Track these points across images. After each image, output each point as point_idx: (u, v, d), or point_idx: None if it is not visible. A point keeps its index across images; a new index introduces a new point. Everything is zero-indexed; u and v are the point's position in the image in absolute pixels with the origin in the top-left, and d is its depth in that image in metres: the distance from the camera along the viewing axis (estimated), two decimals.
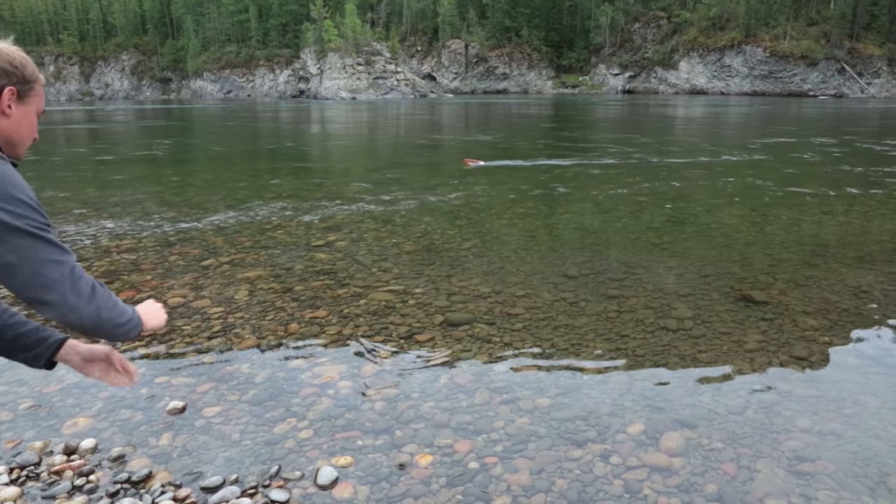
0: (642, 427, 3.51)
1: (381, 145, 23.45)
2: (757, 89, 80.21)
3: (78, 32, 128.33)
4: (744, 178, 12.64)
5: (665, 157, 16.22)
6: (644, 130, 26.88)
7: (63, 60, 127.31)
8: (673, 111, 44.61)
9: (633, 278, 6.13)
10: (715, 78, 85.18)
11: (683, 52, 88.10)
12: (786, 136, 23.44)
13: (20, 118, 1.69)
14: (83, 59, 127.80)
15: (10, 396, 3.97)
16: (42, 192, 11.89)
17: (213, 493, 2.97)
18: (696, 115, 39.80)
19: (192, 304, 5.57)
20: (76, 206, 10.54)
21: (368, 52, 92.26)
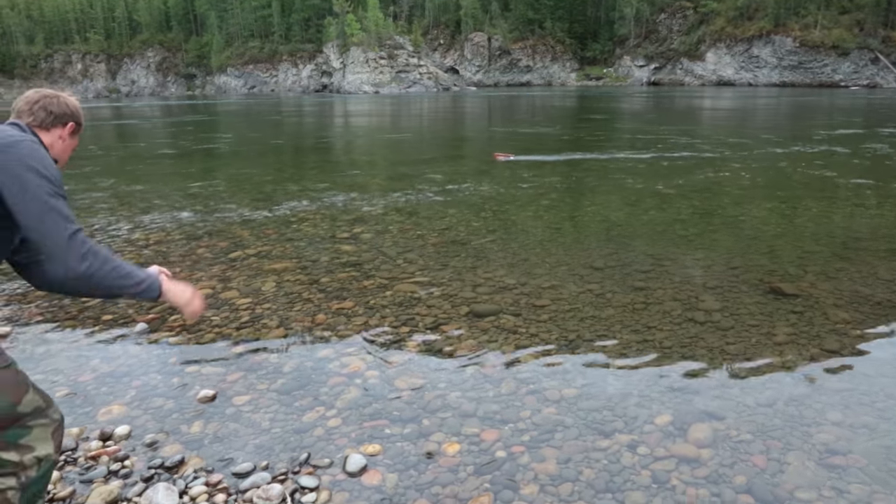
0: (670, 418, 3.49)
1: (405, 139, 23.49)
2: (786, 80, 78.89)
3: (104, 30, 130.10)
4: (773, 170, 12.47)
5: (692, 150, 16.05)
6: (671, 123, 26.61)
7: (90, 58, 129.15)
8: (700, 103, 44.08)
9: (659, 270, 6.09)
10: (742, 69, 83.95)
11: (710, 42, 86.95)
12: (817, 128, 23.08)
13: (69, 146, 2.43)
14: (109, 57, 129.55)
15: (47, 385, 4.06)
16: (74, 187, 12.11)
17: (245, 479, 3.02)
18: (724, 107, 39.28)
19: (220, 295, 5.65)
20: (107, 200, 10.72)
21: (391, 46, 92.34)
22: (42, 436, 2.25)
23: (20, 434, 2.20)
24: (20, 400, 2.18)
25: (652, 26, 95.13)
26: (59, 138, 2.34)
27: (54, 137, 2.32)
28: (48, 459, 2.27)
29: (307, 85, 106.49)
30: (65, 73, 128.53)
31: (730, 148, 16.40)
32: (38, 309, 5.49)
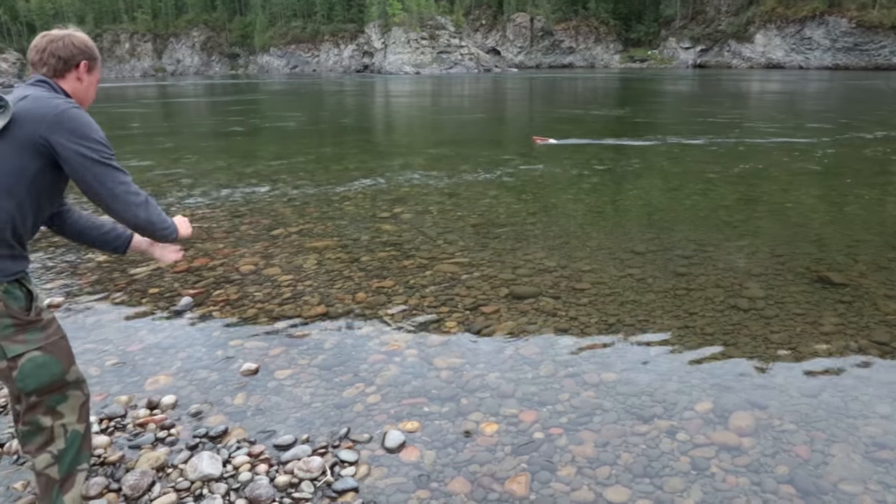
0: (710, 405, 3.45)
1: (446, 120, 23.44)
2: (839, 63, 76.22)
3: (151, 10, 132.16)
4: (824, 157, 12.13)
5: (739, 135, 15.69)
6: (718, 107, 26.00)
7: (137, 38, 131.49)
8: (748, 86, 42.94)
9: (702, 256, 5.99)
10: (793, 51, 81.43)
11: (760, 24, 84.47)
12: (872, 112, 22.32)
13: (88, 84, 2.47)
14: (156, 36, 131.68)
15: (98, 354, 4.20)
16: (125, 164, 12.39)
17: (286, 451, 3.08)
18: (774, 91, 38.20)
19: (262, 271, 5.74)
20: (154, 177, 10.95)
21: (433, 27, 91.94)
22: (73, 406, 2.40)
23: (59, 400, 2.35)
24: (69, 369, 2.37)
25: (699, 7, 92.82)
26: (76, 80, 2.40)
27: (72, 82, 2.39)
28: (75, 432, 2.40)
29: (348, 65, 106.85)
30: (113, 53, 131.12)
31: (779, 134, 15.99)
32: (89, 281, 5.65)
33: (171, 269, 5.86)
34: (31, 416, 2.33)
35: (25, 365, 2.24)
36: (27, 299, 2.27)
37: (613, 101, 31.59)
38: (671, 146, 13.66)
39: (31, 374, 2.25)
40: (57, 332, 2.36)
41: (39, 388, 2.29)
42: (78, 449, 2.43)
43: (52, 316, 2.40)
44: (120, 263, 6.08)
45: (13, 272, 2.21)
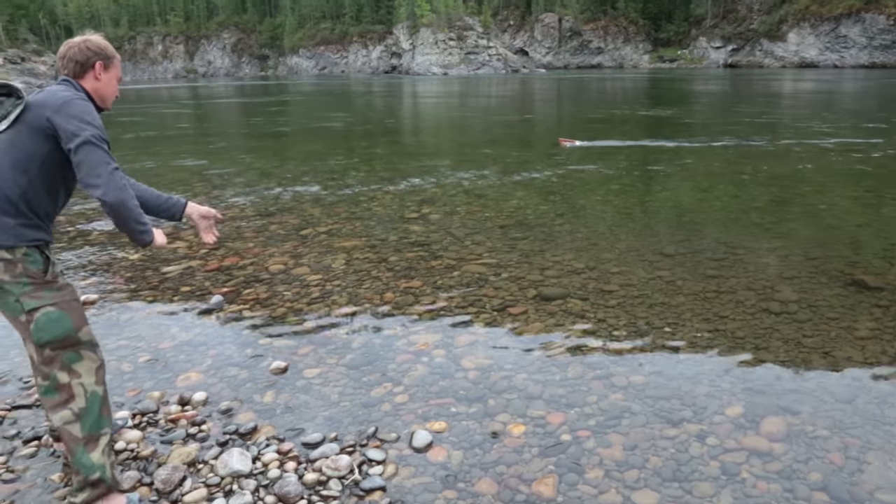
0: (741, 410, 3.40)
1: (473, 121, 23.44)
2: (876, 61, 74.40)
3: (183, 13, 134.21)
4: (859, 158, 11.88)
5: (771, 136, 15.44)
6: (750, 107, 25.62)
7: (170, 40, 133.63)
8: (781, 86, 42.23)
9: (733, 258, 5.91)
10: (828, 50, 79.80)
11: (793, 22, 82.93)
12: None
13: (107, 82, 2.71)
14: (188, 38, 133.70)
15: (131, 350, 4.28)
16: (155, 164, 12.63)
17: (314, 449, 3.11)
18: (809, 90, 37.54)
19: (291, 271, 5.80)
20: (184, 177, 11.12)
21: (460, 27, 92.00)
22: (90, 367, 2.57)
23: (74, 359, 2.53)
24: (80, 328, 2.55)
25: (730, 6, 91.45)
26: (94, 79, 2.67)
27: (91, 81, 2.66)
28: (94, 393, 2.56)
29: (377, 66, 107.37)
30: (146, 55, 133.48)
31: (812, 134, 15.71)
32: (123, 279, 5.76)
33: (203, 267, 5.94)
34: (49, 369, 2.51)
35: (40, 318, 2.45)
36: (45, 263, 2.50)
37: (643, 101, 31.30)
38: (701, 147, 13.49)
39: (45, 327, 2.46)
40: (71, 293, 2.57)
41: (53, 340, 2.47)
42: (99, 411, 2.56)
43: (68, 282, 2.60)
44: (152, 262, 6.19)
45: (32, 238, 2.47)
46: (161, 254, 6.46)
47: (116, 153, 2.56)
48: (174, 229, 7.38)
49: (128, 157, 14.24)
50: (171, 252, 6.50)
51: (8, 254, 2.41)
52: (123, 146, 16.59)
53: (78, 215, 8.23)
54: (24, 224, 2.45)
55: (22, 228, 2.44)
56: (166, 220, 3.09)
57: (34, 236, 2.48)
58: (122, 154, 14.88)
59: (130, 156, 14.59)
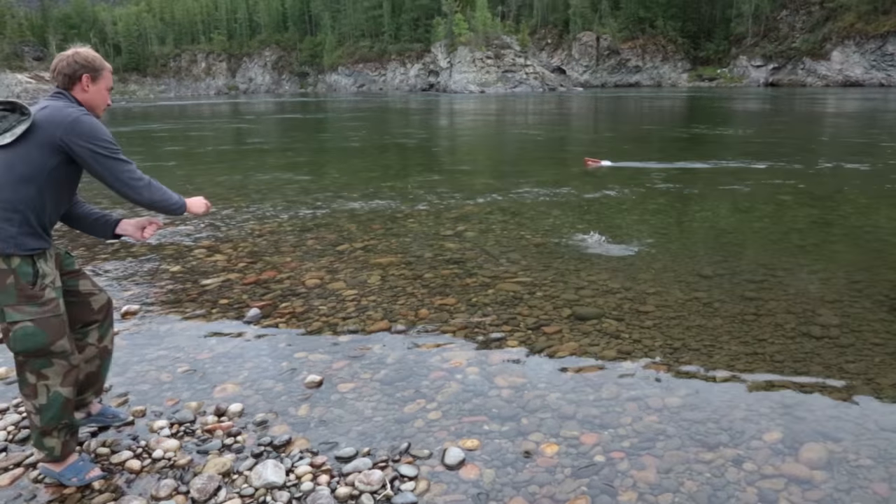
0: (780, 435, 3.34)
1: (509, 139, 23.49)
2: None
3: (227, 31, 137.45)
4: None
5: (814, 156, 15.16)
6: (792, 127, 25.21)
7: (213, 57, 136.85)
8: (825, 105, 41.46)
9: (772, 281, 5.81)
10: (874, 68, 78.15)
11: (837, 40, 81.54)
12: None
13: (94, 93, 2.92)
14: (230, 56, 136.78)
15: (170, 361, 4.37)
16: (197, 179, 12.91)
17: (347, 463, 3.13)
18: (854, 110, 36.77)
19: (327, 285, 5.87)
20: (225, 191, 11.35)
21: (498, 46, 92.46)
22: (58, 372, 2.85)
23: (44, 364, 2.82)
24: (55, 342, 2.80)
25: (772, 24, 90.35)
26: (82, 91, 2.88)
27: (79, 93, 2.88)
28: (57, 394, 2.85)
29: (414, 84, 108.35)
30: (190, 72, 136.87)
31: (857, 154, 15.38)
32: (163, 290, 5.90)
33: (241, 280, 6.05)
34: (20, 371, 2.84)
35: (17, 331, 2.72)
36: (34, 276, 2.73)
37: (680, 121, 31.03)
38: (739, 168, 13.29)
39: (20, 340, 2.74)
40: (53, 310, 2.79)
41: (24, 351, 2.77)
42: (59, 409, 2.87)
43: (56, 295, 2.83)
44: (192, 274, 6.32)
45: (31, 248, 2.71)
46: (200, 266, 6.60)
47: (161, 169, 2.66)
48: (213, 242, 7.54)
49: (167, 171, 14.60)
50: (210, 265, 6.64)
51: (3, 263, 2.66)
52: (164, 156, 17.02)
53: None
54: (26, 233, 2.69)
55: (22, 237, 2.68)
56: (99, 237, 3.33)
57: (33, 245, 2.72)
58: (161, 166, 15.27)
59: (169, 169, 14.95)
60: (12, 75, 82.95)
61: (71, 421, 2.98)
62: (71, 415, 2.97)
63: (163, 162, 16.92)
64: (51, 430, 2.89)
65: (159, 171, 14.86)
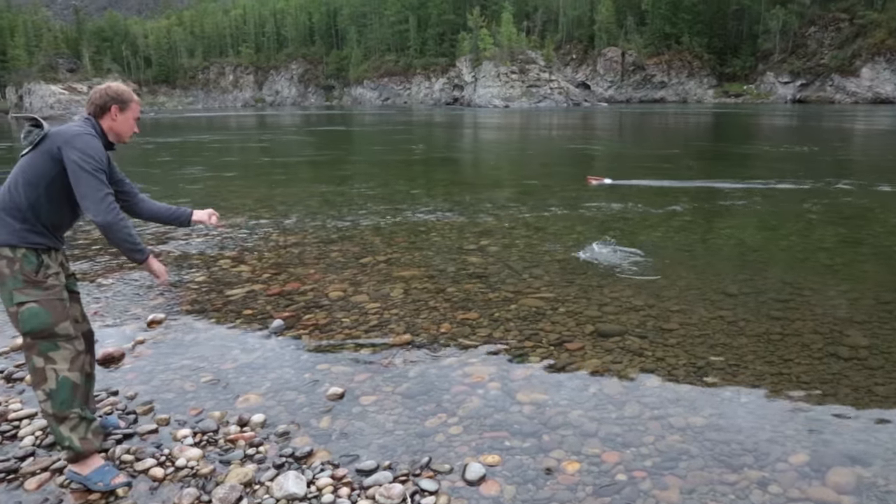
0: (806, 458, 3.28)
1: (533, 154, 23.49)
2: None
3: (254, 44, 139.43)
4: None
5: (843, 175, 14.95)
6: (821, 145, 24.91)
7: (241, 70, 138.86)
8: (853, 123, 40.89)
9: (799, 300, 5.73)
10: None
11: (867, 56, 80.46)
12: None
13: (122, 121, 3.26)
14: (257, 69, 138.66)
15: (194, 370, 4.43)
16: (222, 191, 13.07)
17: (368, 476, 3.14)
18: (883, 127, 36.22)
19: (350, 298, 5.90)
20: (250, 203, 11.48)
21: (523, 61, 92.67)
22: (65, 356, 3.02)
23: (50, 348, 2.99)
24: (58, 323, 3.01)
25: (800, 40, 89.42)
26: (111, 120, 3.23)
27: (108, 121, 3.23)
28: (65, 378, 3.00)
29: (439, 98, 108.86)
30: (218, 84, 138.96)
31: (887, 172, 15.15)
32: (188, 300, 5.97)
33: (265, 291, 6.11)
34: (28, 355, 3.02)
35: (24, 312, 2.95)
36: (38, 265, 3.01)
37: (705, 137, 30.80)
38: (765, 186, 13.12)
39: (27, 319, 2.95)
40: (56, 294, 3.04)
41: (32, 331, 2.96)
42: (69, 394, 3.01)
43: (56, 283, 3.08)
44: (217, 285, 6.40)
45: (32, 242, 3.00)
46: (225, 277, 6.67)
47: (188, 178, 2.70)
48: (238, 253, 7.63)
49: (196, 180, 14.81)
50: (235, 276, 6.71)
51: (10, 252, 2.96)
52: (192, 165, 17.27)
53: (149, 238, 8.58)
54: (29, 229, 3.00)
55: (25, 232, 2.99)
56: (179, 226, 3.71)
57: (35, 240, 3.02)
58: (189, 175, 15.48)
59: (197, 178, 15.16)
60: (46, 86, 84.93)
61: (85, 414, 3.08)
62: (84, 405, 3.09)
63: (190, 171, 17.18)
64: (64, 417, 3.01)
65: (188, 181, 15.08)
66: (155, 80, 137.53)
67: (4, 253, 2.96)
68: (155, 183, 14.69)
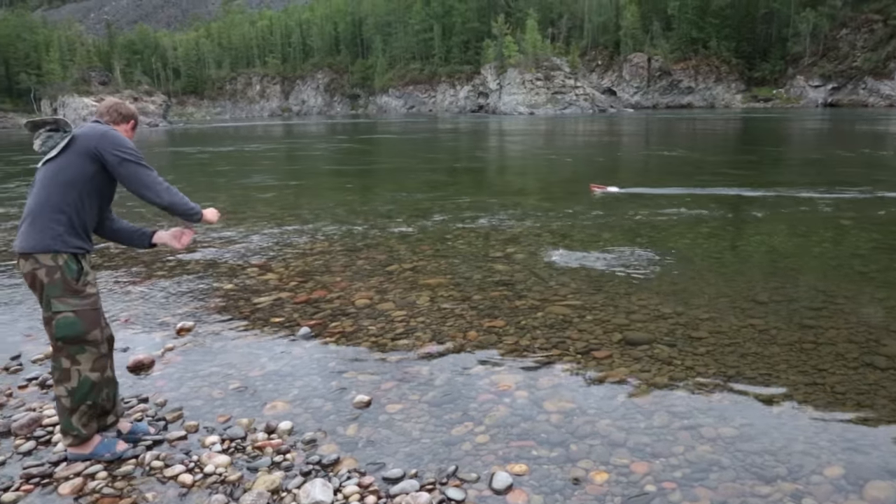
0: (842, 471, 3.20)
1: (559, 160, 23.39)
2: None
3: (281, 55, 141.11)
4: None
5: (878, 182, 14.65)
6: (854, 150, 24.45)
7: (267, 80, 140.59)
8: (888, 127, 40.07)
9: (832, 308, 5.61)
10: None
11: None
12: None
13: (130, 135, 3.48)
14: (284, 79, 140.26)
15: (222, 377, 4.46)
16: (250, 197, 13.21)
17: (394, 484, 3.14)
18: None
19: (377, 306, 5.91)
20: (277, 211, 11.59)
21: (548, 67, 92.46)
22: (89, 358, 3.23)
23: (78, 351, 3.20)
24: (90, 331, 3.21)
25: (831, 43, 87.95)
26: (125, 131, 3.46)
27: (123, 130, 3.46)
28: (87, 378, 3.22)
29: (464, 105, 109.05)
30: (245, 94, 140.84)
31: None
32: (216, 308, 6.03)
33: (292, 299, 6.15)
34: (56, 356, 3.22)
35: (60, 320, 3.13)
36: (79, 272, 3.17)
37: (734, 143, 30.43)
38: (797, 193, 12.89)
39: (61, 328, 3.14)
40: (92, 304, 3.22)
41: (64, 338, 3.16)
42: (88, 390, 3.24)
43: (96, 290, 3.28)
44: (245, 293, 6.46)
45: (75, 246, 3.14)
46: (253, 285, 6.73)
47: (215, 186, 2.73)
48: (266, 261, 7.69)
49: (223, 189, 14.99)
50: (263, 284, 6.77)
51: (52, 260, 3.09)
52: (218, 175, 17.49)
53: None
54: (72, 233, 3.13)
55: (68, 236, 3.11)
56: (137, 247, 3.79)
57: (77, 244, 3.16)
58: (216, 182, 15.68)
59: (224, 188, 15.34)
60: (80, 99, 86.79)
61: (95, 401, 3.32)
62: (97, 396, 3.32)
63: (217, 178, 17.41)
64: (77, 408, 3.24)
65: (216, 189, 15.28)
66: (183, 90, 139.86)
67: (45, 261, 3.08)
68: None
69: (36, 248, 3.08)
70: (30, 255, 3.10)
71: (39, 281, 3.10)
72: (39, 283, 3.10)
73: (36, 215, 3.11)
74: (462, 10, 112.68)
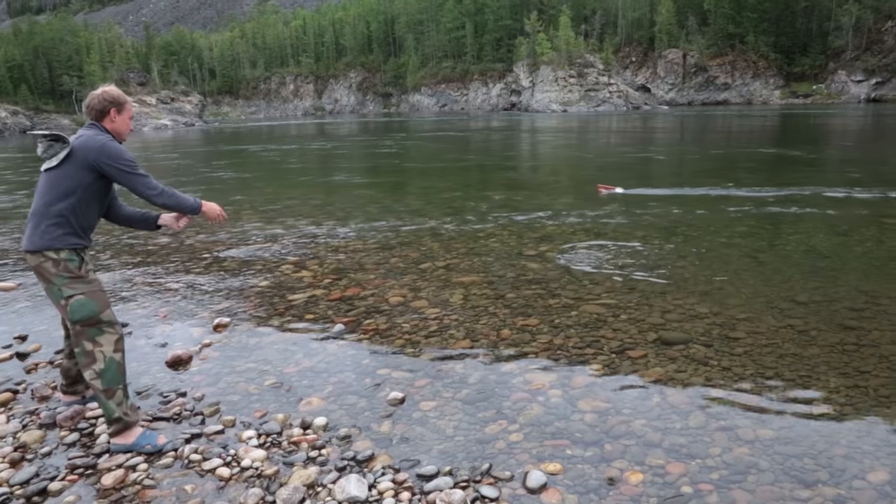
0: (887, 476, 3.13)
1: (592, 158, 23.21)
2: None
3: (314, 54, 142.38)
4: None
5: None
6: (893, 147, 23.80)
7: (301, 79, 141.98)
8: None
9: (875, 309, 5.47)
10: None
11: None
12: None
13: (120, 122, 3.65)
14: (317, 78, 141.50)
15: (258, 373, 4.53)
16: (283, 198, 13.36)
17: (429, 481, 3.15)
18: None
19: (410, 303, 5.94)
20: (311, 209, 11.71)
21: (581, 65, 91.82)
22: (110, 340, 3.46)
23: (97, 333, 3.44)
24: (103, 311, 3.47)
25: (874, 37, 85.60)
26: (111, 122, 3.60)
27: (108, 123, 3.60)
28: (111, 359, 3.44)
29: (496, 103, 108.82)
30: (279, 94, 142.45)
31: None
32: (252, 305, 6.12)
33: (326, 296, 6.21)
34: (78, 341, 3.44)
35: (73, 303, 3.39)
36: (80, 262, 3.46)
37: (769, 140, 29.85)
38: (838, 193, 12.60)
39: (76, 309, 3.39)
40: (98, 286, 3.52)
41: (81, 320, 3.40)
42: (115, 371, 3.44)
43: (96, 276, 3.57)
44: (279, 290, 6.54)
45: (72, 243, 3.43)
46: (288, 282, 6.81)
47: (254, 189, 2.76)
48: (300, 259, 7.78)
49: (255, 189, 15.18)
50: (297, 281, 6.84)
51: (55, 255, 3.38)
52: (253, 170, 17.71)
53: (214, 243, 8.85)
54: (70, 232, 3.42)
55: (67, 237, 3.41)
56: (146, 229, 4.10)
57: (74, 242, 3.44)
58: (248, 181, 15.89)
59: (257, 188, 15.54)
60: None
61: (125, 384, 3.53)
62: (124, 379, 3.53)
63: (251, 175, 17.64)
64: (114, 392, 3.44)
65: (247, 188, 15.49)
66: (219, 90, 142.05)
67: (49, 255, 3.39)
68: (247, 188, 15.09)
69: (39, 248, 3.38)
70: (35, 251, 3.40)
71: (47, 271, 3.39)
72: (47, 273, 3.40)
73: (38, 219, 3.41)
74: (494, 7, 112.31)
